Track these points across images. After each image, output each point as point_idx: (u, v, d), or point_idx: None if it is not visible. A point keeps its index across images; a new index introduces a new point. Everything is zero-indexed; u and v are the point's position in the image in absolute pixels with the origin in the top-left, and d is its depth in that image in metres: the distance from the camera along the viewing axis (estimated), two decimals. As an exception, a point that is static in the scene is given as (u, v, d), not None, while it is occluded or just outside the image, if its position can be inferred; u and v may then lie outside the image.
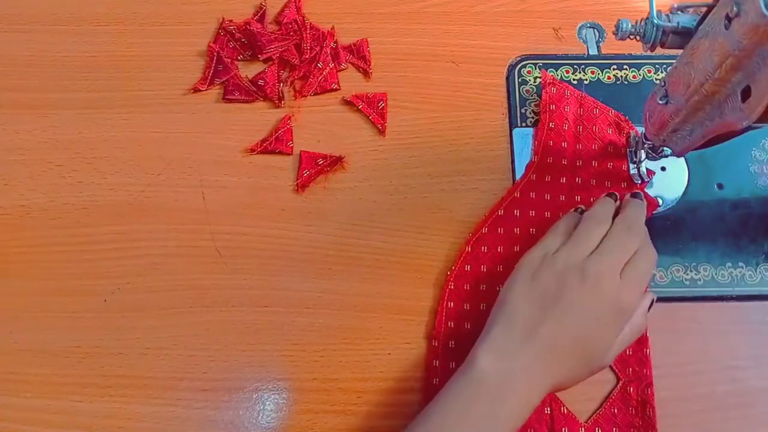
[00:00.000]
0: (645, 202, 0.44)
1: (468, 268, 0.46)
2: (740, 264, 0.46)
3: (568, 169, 0.49)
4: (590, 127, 0.50)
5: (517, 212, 0.48)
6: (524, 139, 0.51)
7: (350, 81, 0.54)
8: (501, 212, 0.48)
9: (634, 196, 0.45)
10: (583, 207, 0.45)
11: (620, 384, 0.43)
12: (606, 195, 0.45)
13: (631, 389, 0.43)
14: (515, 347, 0.37)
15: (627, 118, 0.51)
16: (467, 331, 0.44)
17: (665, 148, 0.46)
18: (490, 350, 0.38)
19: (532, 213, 0.48)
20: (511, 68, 0.54)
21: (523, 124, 0.51)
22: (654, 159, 0.47)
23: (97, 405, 0.43)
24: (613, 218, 0.43)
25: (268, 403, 0.43)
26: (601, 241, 0.41)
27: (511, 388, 0.36)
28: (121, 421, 0.43)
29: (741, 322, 0.45)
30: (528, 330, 0.38)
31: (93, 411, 0.43)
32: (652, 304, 0.42)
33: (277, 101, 0.52)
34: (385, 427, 0.43)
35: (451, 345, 0.44)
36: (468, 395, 0.36)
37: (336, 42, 0.55)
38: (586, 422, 0.43)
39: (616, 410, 0.43)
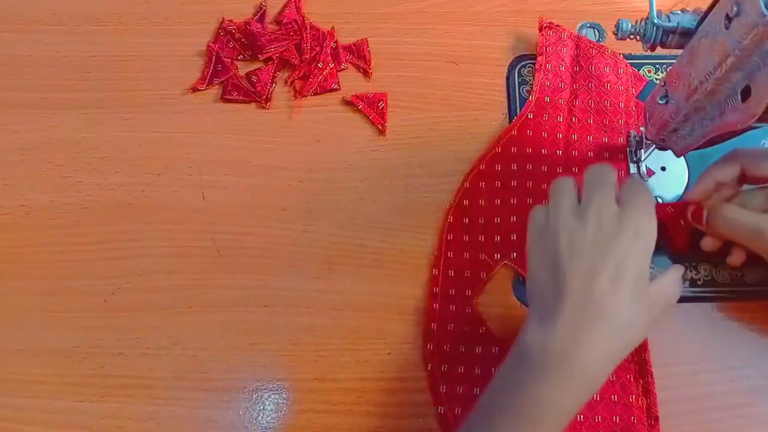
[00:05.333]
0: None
1: (466, 202, 0.48)
2: (740, 264, 0.46)
3: (566, 108, 0.50)
4: (587, 67, 0.51)
5: (514, 149, 0.49)
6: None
7: (350, 81, 0.54)
8: (498, 149, 0.49)
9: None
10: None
11: None
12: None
13: None
14: (554, 318, 0.35)
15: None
16: (465, 260, 0.46)
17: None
18: (535, 333, 0.35)
19: (529, 150, 0.49)
20: (511, 68, 0.54)
21: (523, 124, 0.51)
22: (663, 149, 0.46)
23: (97, 405, 0.43)
24: None
25: (268, 403, 0.43)
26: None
27: (570, 357, 0.34)
28: (121, 421, 0.43)
29: (741, 322, 0.45)
30: (558, 297, 0.35)
31: (93, 411, 0.43)
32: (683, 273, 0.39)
33: (263, 102, 0.52)
34: (385, 427, 0.43)
35: (450, 273, 0.46)
36: (529, 376, 0.34)
37: (336, 42, 0.55)
38: None
39: None
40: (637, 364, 0.43)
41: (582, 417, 0.41)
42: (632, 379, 0.42)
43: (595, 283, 0.35)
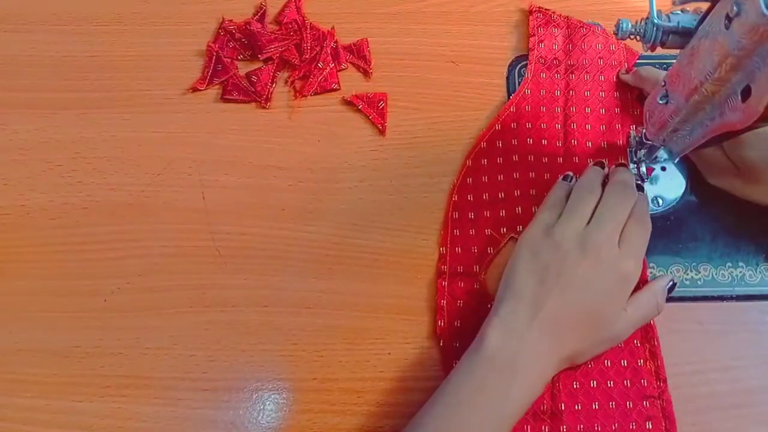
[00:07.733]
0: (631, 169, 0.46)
1: (470, 180, 0.49)
2: (740, 264, 0.46)
3: (562, 82, 0.52)
4: (579, 44, 0.53)
5: (514, 125, 0.50)
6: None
7: (350, 81, 0.54)
8: (498, 127, 0.50)
9: (620, 165, 0.46)
10: (571, 174, 0.46)
11: None
12: (593, 164, 0.46)
13: None
14: (522, 323, 0.38)
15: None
16: (472, 237, 0.47)
17: (659, 154, 0.46)
18: (497, 328, 0.39)
19: (529, 125, 0.50)
20: (511, 68, 0.54)
21: (523, 124, 0.51)
22: (649, 163, 0.48)
23: (97, 405, 0.43)
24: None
25: (268, 403, 0.43)
26: (595, 210, 0.42)
27: (521, 363, 0.37)
28: (121, 421, 0.43)
29: (741, 322, 0.45)
30: (533, 305, 0.39)
31: (93, 411, 0.43)
32: (672, 286, 0.43)
33: (263, 101, 0.52)
34: (385, 427, 0.43)
35: (458, 251, 0.47)
36: (480, 374, 0.37)
37: (336, 42, 0.55)
38: None
39: None
40: (642, 329, 0.43)
41: (595, 383, 0.42)
42: (638, 344, 0.43)
43: (569, 309, 0.39)
